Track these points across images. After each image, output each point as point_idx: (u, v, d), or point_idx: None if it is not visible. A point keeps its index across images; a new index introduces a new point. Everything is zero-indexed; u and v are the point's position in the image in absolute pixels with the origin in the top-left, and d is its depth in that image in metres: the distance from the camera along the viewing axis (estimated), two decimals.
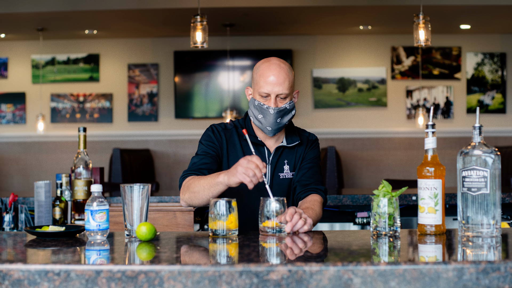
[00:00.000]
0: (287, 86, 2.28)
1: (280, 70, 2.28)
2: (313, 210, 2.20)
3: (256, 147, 2.38)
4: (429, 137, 1.90)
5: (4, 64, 7.48)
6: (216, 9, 5.96)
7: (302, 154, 2.43)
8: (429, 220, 1.88)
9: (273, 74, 2.28)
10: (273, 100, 2.28)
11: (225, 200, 1.92)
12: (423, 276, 1.42)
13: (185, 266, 1.44)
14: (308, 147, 2.44)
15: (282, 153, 2.40)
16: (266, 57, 2.40)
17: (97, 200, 1.89)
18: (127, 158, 6.76)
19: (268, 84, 2.28)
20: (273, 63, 2.31)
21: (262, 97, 2.30)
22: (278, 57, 2.36)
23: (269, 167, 2.37)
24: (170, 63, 7.47)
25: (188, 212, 3.21)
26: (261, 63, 2.34)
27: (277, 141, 2.41)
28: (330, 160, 6.45)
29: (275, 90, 2.27)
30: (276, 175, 2.38)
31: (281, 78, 2.27)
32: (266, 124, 2.31)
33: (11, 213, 3.11)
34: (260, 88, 2.30)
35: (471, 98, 7.43)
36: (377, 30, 7.19)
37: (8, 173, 7.50)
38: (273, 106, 2.28)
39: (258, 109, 2.31)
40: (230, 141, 2.38)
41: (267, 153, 2.38)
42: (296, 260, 1.51)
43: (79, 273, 1.43)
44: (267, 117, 2.30)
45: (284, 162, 2.40)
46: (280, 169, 2.39)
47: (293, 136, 2.42)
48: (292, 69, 2.36)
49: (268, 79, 2.28)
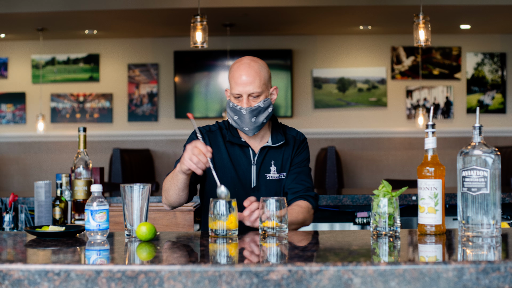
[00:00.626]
0: (258, 85, 2.24)
1: (250, 69, 2.25)
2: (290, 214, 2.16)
3: (241, 148, 2.35)
4: (429, 137, 1.90)
5: (4, 64, 7.48)
6: (216, 9, 5.96)
7: (290, 156, 2.37)
8: (429, 220, 1.88)
9: (242, 73, 2.24)
10: (245, 100, 2.25)
11: (225, 200, 1.92)
12: (423, 276, 1.42)
13: (185, 266, 1.44)
14: (296, 148, 2.39)
15: (267, 153, 2.35)
16: (266, 57, 2.39)
17: (97, 200, 1.89)
18: (127, 158, 6.76)
19: (238, 85, 2.25)
20: (243, 62, 2.27)
21: (236, 98, 2.27)
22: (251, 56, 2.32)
23: (254, 167, 2.33)
24: (170, 63, 7.47)
25: (188, 212, 3.21)
26: (233, 64, 2.32)
27: (261, 141, 2.37)
28: (330, 160, 6.45)
29: (246, 89, 2.24)
30: (262, 176, 2.34)
31: (251, 77, 2.24)
32: (242, 125, 2.28)
33: (11, 213, 3.11)
34: (232, 90, 2.27)
35: (471, 98, 7.43)
36: (377, 30, 7.19)
37: (8, 173, 7.50)
38: (245, 106, 2.24)
39: (233, 111, 2.28)
40: (214, 143, 2.35)
41: (252, 154, 2.34)
42: (296, 260, 1.51)
43: (79, 273, 1.43)
44: (241, 118, 2.27)
45: (271, 163, 2.35)
46: (267, 169, 2.34)
47: (278, 135, 2.37)
48: (265, 66, 2.30)
49: (238, 80, 2.25)
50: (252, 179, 2.33)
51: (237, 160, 2.34)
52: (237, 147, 2.35)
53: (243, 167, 2.33)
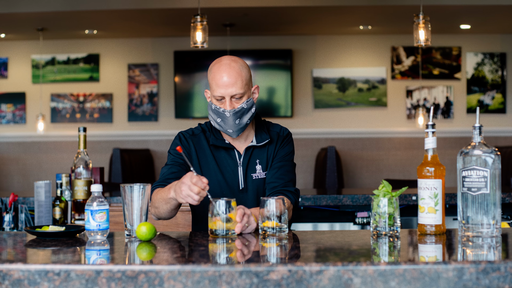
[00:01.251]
0: (240, 85, 2.20)
1: (230, 69, 2.19)
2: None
3: (226, 150, 2.31)
4: (429, 137, 1.90)
5: (4, 64, 7.48)
6: (216, 9, 5.96)
7: (273, 153, 2.33)
8: (429, 220, 1.88)
9: (224, 75, 2.19)
10: (228, 103, 2.20)
11: (224, 200, 1.92)
12: (423, 276, 1.41)
13: (185, 266, 1.44)
14: (280, 143, 2.34)
15: (252, 153, 2.32)
16: (266, 57, 2.37)
17: (97, 200, 1.88)
18: (127, 158, 6.76)
19: (220, 87, 2.20)
20: (223, 63, 2.22)
21: (218, 101, 2.22)
22: (230, 56, 2.27)
23: (240, 168, 2.29)
24: (170, 63, 7.47)
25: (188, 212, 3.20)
26: (212, 64, 2.26)
27: (246, 141, 2.33)
28: (330, 160, 6.45)
29: (228, 91, 2.19)
30: (249, 176, 2.30)
31: (233, 78, 2.19)
32: (226, 127, 2.24)
33: (11, 213, 3.11)
34: (213, 92, 2.22)
35: (471, 98, 7.43)
36: (377, 30, 7.19)
37: (8, 173, 7.50)
38: (228, 108, 2.20)
39: (216, 113, 2.24)
40: (199, 146, 2.32)
41: (237, 155, 2.30)
42: (296, 260, 1.51)
43: (79, 273, 1.43)
44: (225, 120, 2.22)
45: (256, 162, 2.31)
46: (252, 169, 2.31)
47: (262, 134, 2.33)
48: (246, 65, 2.26)
49: (220, 82, 2.19)
50: (240, 181, 2.30)
51: (223, 163, 2.30)
52: (222, 149, 2.31)
53: (230, 169, 2.30)
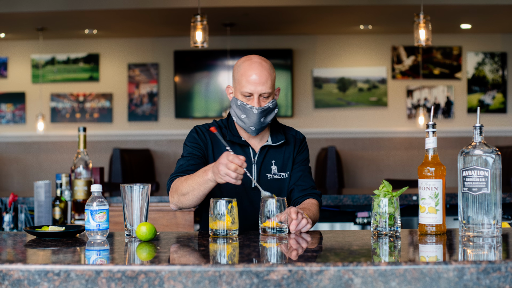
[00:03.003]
0: (270, 85, 2.24)
1: (262, 68, 2.23)
2: (310, 211, 2.20)
3: (241, 147, 2.33)
4: (429, 136, 1.90)
5: (4, 63, 7.48)
6: (216, 8, 5.96)
7: (291, 155, 2.37)
8: (429, 220, 1.87)
9: (255, 73, 2.22)
10: (256, 100, 2.23)
11: (225, 200, 1.91)
12: (423, 276, 1.41)
13: (185, 266, 1.43)
14: (298, 147, 2.40)
15: (267, 152, 2.35)
16: (266, 56, 2.36)
17: (97, 200, 1.88)
18: (127, 158, 6.76)
19: (250, 84, 2.22)
20: (255, 61, 2.25)
21: (245, 97, 2.25)
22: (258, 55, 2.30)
23: (254, 167, 2.32)
24: (170, 63, 7.47)
25: (188, 212, 3.20)
26: (242, 61, 2.29)
27: (261, 140, 2.36)
28: (330, 160, 6.45)
29: (258, 89, 2.22)
30: (263, 175, 2.33)
31: (264, 77, 2.22)
32: (249, 124, 2.27)
33: (11, 213, 3.11)
34: (242, 88, 2.24)
35: (472, 97, 7.43)
36: (377, 29, 7.19)
37: (8, 173, 7.50)
38: (256, 106, 2.23)
39: (241, 109, 2.26)
40: (215, 141, 2.34)
41: (252, 153, 2.33)
42: (296, 260, 1.51)
43: (79, 273, 1.43)
44: (250, 117, 2.25)
45: (271, 162, 2.34)
46: (268, 169, 2.33)
47: (278, 135, 2.37)
48: (273, 66, 2.30)
49: (250, 78, 2.22)
50: (253, 178, 2.31)
51: None
52: (237, 146, 2.33)
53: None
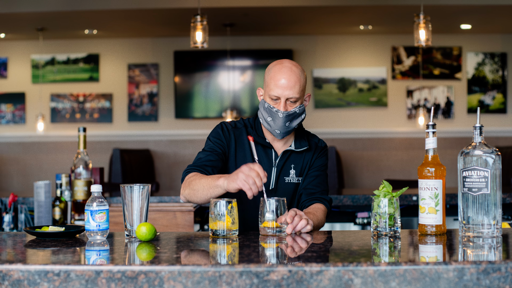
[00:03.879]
0: (298, 90, 2.25)
1: (291, 73, 2.25)
2: (314, 215, 2.20)
3: (264, 149, 2.35)
4: (429, 137, 1.90)
5: (4, 64, 7.48)
6: (216, 9, 5.96)
7: (309, 161, 2.39)
8: (429, 220, 1.87)
9: (284, 77, 2.24)
10: (282, 104, 2.25)
11: (225, 201, 1.91)
12: (423, 277, 1.41)
13: (185, 266, 1.43)
14: (316, 154, 2.41)
15: (289, 157, 2.37)
16: (266, 56, 2.38)
17: (97, 200, 1.88)
18: (127, 158, 6.76)
19: (278, 88, 2.25)
20: (285, 66, 2.27)
21: (272, 100, 2.28)
22: (290, 60, 2.32)
23: (274, 169, 2.35)
24: (170, 63, 7.47)
25: (188, 212, 3.20)
26: (273, 65, 2.31)
27: (285, 144, 2.38)
28: (330, 160, 6.45)
29: (285, 93, 2.24)
30: (282, 179, 2.36)
31: (292, 82, 2.24)
32: (274, 127, 2.29)
33: (11, 213, 3.10)
34: (270, 91, 2.27)
35: (472, 98, 7.43)
36: (377, 30, 7.19)
37: (8, 173, 7.50)
38: (282, 109, 2.25)
39: (268, 112, 2.29)
40: (239, 140, 2.36)
41: (274, 156, 2.35)
42: (296, 261, 1.51)
43: (79, 274, 1.43)
44: (276, 120, 2.27)
45: (291, 167, 2.37)
46: (286, 173, 2.36)
47: (302, 141, 2.39)
48: (304, 72, 2.32)
49: (279, 82, 2.24)
50: (271, 181, 2.34)
51: (259, 160, 2.34)
52: (260, 147, 2.35)
53: (264, 168, 2.33)
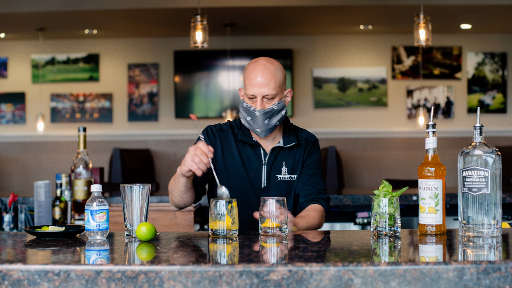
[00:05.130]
0: (273, 87, 2.23)
1: (265, 70, 2.23)
2: (305, 220, 2.19)
3: (252, 148, 2.34)
4: (429, 137, 1.90)
5: (4, 63, 7.48)
6: (216, 8, 5.96)
7: (302, 158, 2.37)
8: (429, 220, 1.87)
9: (258, 75, 2.22)
10: (259, 102, 2.23)
11: (225, 201, 1.91)
12: (423, 276, 1.41)
13: (185, 266, 1.43)
14: (308, 150, 2.38)
15: (278, 153, 2.35)
16: (266, 56, 2.37)
17: (97, 200, 1.88)
18: (127, 158, 6.76)
19: (253, 86, 2.23)
20: (259, 63, 2.25)
21: (250, 99, 2.26)
22: (267, 57, 2.30)
23: (265, 168, 2.32)
24: (170, 63, 7.47)
25: (188, 212, 3.20)
26: (249, 64, 2.30)
27: (273, 141, 2.36)
28: (330, 160, 6.45)
29: (261, 91, 2.22)
30: (273, 176, 2.33)
31: (267, 79, 2.22)
32: (254, 126, 2.27)
33: (10, 213, 3.10)
34: (246, 90, 2.26)
35: (472, 98, 7.43)
36: (377, 29, 7.19)
37: (8, 173, 7.50)
38: (259, 108, 2.23)
39: (246, 111, 2.27)
40: (225, 142, 2.35)
41: (263, 154, 2.33)
42: (296, 260, 1.51)
43: (79, 273, 1.43)
44: (254, 119, 2.25)
45: (282, 164, 2.34)
46: (278, 170, 2.34)
47: (290, 136, 2.36)
48: (281, 68, 2.29)
49: (254, 81, 2.23)
50: (262, 179, 2.32)
51: (248, 159, 2.33)
52: (248, 146, 2.34)
53: (254, 167, 2.33)
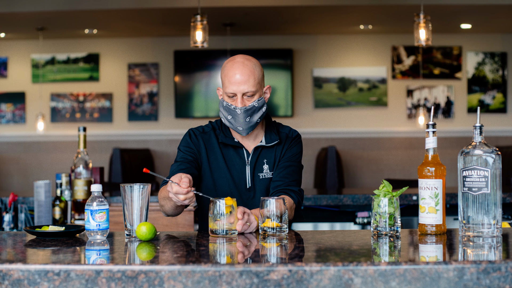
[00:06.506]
0: (253, 84, 2.22)
1: (244, 67, 2.22)
2: None
3: (234, 149, 2.33)
4: (429, 136, 1.90)
5: (4, 63, 7.48)
6: (216, 8, 5.96)
7: (280, 153, 2.35)
8: (429, 220, 1.87)
9: (237, 72, 2.22)
10: (239, 100, 2.23)
11: (225, 200, 1.91)
12: (423, 276, 1.41)
13: (185, 266, 1.43)
14: (287, 145, 2.37)
15: (261, 152, 2.34)
16: (266, 56, 2.37)
17: (97, 200, 1.88)
18: (127, 158, 6.76)
19: (232, 84, 2.22)
20: (237, 61, 2.25)
21: (230, 98, 2.25)
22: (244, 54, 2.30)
23: (248, 168, 2.32)
24: (170, 63, 7.47)
25: (188, 212, 3.20)
26: (226, 62, 2.29)
27: (255, 140, 2.35)
28: (330, 159, 6.45)
29: (241, 89, 2.22)
30: (256, 176, 2.33)
31: (246, 76, 2.22)
32: (236, 125, 2.26)
33: (11, 213, 3.10)
34: (226, 89, 2.25)
35: (472, 97, 7.42)
36: (377, 29, 7.19)
37: (8, 173, 7.50)
38: (240, 105, 2.22)
39: (227, 110, 2.26)
40: (209, 144, 2.34)
41: (245, 154, 2.33)
42: (296, 260, 1.51)
43: (79, 273, 1.43)
44: (236, 118, 2.25)
45: (264, 162, 2.33)
46: (260, 169, 2.33)
47: (272, 135, 2.35)
48: (259, 64, 2.29)
49: (233, 79, 2.22)
50: (247, 180, 2.32)
51: (231, 161, 2.33)
52: (231, 148, 2.33)
53: (238, 167, 2.32)
